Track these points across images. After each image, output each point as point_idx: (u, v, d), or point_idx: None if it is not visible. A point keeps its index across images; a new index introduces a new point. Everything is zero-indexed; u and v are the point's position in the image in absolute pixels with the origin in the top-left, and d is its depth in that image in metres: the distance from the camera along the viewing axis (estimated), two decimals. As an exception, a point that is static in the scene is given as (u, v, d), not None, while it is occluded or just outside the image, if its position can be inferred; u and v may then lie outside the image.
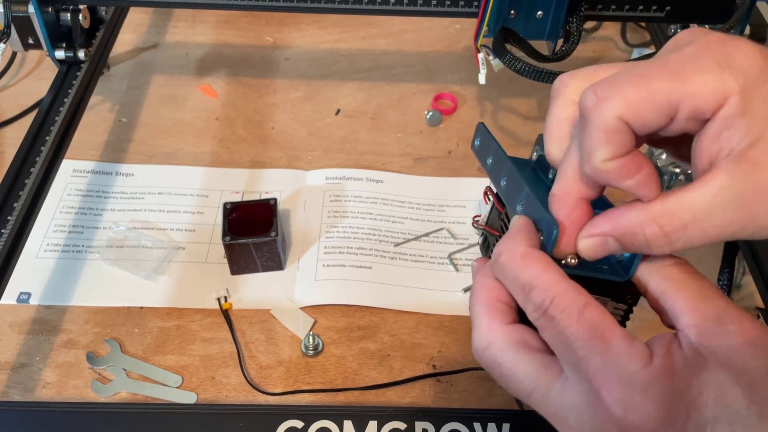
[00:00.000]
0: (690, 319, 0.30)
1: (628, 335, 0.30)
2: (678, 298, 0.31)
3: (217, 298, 0.63)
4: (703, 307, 0.30)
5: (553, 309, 0.30)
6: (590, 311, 0.30)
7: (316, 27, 0.92)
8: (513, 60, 0.61)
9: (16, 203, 0.57)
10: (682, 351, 0.30)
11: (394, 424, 0.51)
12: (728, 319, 0.30)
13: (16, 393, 0.56)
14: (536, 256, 0.32)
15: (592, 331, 0.30)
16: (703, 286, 0.31)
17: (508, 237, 0.33)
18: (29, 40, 0.69)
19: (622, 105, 0.28)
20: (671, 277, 0.32)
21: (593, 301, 0.30)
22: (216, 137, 0.78)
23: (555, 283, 0.31)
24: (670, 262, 0.32)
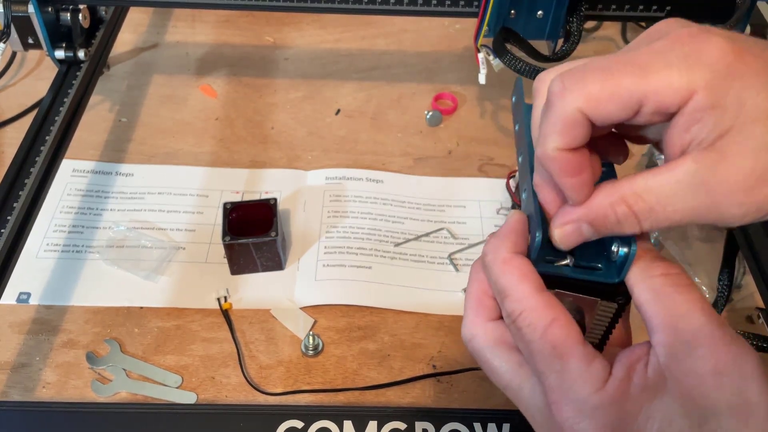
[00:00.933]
0: (662, 337, 0.30)
1: (588, 356, 0.31)
2: (656, 311, 0.31)
3: (217, 298, 0.63)
4: (679, 326, 0.30)
5: (520, 321, 0.32)
6: (554, 330, 0.31)
7: (316, 27, 0.92)
8: (513, 60, 0.61)
9: (16, 203, 0.57)
10: (644, 373, 0.30)
11: (394, 424, 0.51)
12: (701, 341, 0.29)
13: (16, 393, 0.56)
14: (515, 265, 0.32)
15: (552, 349, 0.31)
16: (686, 301, 0.30)
17: (496, 236, 0.34)
18: (29, 40, 0.69)
19: (583, 98, 0.29)
20: (655, 288, 0.31)
21: (560, 318, 0.31)
22: (216, 137, 0.78)
23: (526, 297, 0.32)
24: (659, 271, 0.31)
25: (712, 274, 0.65)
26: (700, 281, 0.65)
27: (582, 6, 0.64)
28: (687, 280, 0.31)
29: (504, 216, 0.70)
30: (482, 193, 0.73)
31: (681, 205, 0.29)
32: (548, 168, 0.30)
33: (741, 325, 0.62)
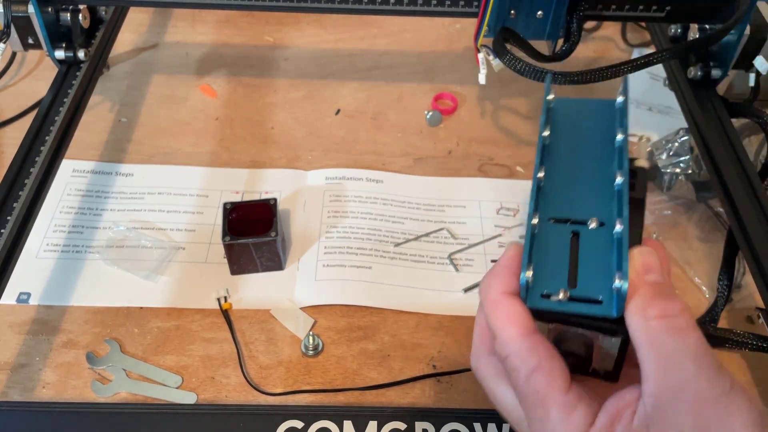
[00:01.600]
0: (651, 386, 0.30)
1: (569, 405, 0.30)
2: (648, 358, 0.30)
3: (217, 298, 0.63)
4: (669, 376, 0.29)
5: (507, 365, 0.32)
6: (536, 377, 0.31)
7: (316, 27, 0.92)
8: (513, 60, 0.61)
9: (16, 203, 0.57)
10: (630, 423, 0.30)
11: (394, 425, 0.51)
12: (688, 395, 0.29)
13: (16, 393, 0.56)
14: (503, 307, 0.32)
15: (534, 396, 0.31)
16: (679, 349, 0.29)
17: (490, 273, 0.34)
18: (29, 40, 0.69)
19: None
20: (650, 331, 0.30)
21: (543, 365, 0.31)
22: (216, 137, 0.78)
23: (511, 341, 0.32)
24: (656, 312, 0.30)
25: (712, 274, 0.65)
26: (700, 281, 0.65)
27: (582, 6, 0.64)
28: (685, 323, 0.30)
29: (504, 216, 0.70)
30: (482, 193, 0.73)
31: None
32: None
33: (741, 325, 0.62)
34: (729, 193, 0.59)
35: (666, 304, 0.30)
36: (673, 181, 0.69)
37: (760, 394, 0.57)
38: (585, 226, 0.34)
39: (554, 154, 0.36)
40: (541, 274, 0.32)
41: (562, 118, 0.38)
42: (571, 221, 0.34)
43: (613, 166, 0.35)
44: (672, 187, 0.70)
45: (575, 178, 0.36)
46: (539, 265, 0.32)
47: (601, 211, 0.34)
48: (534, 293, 0.32)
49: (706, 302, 0.63)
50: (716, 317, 0.61)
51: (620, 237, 0.32)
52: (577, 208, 0.34)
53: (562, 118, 0.38)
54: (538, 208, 0.34)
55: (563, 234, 0.34)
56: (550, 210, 0.34)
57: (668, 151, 0.70)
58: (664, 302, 0.30)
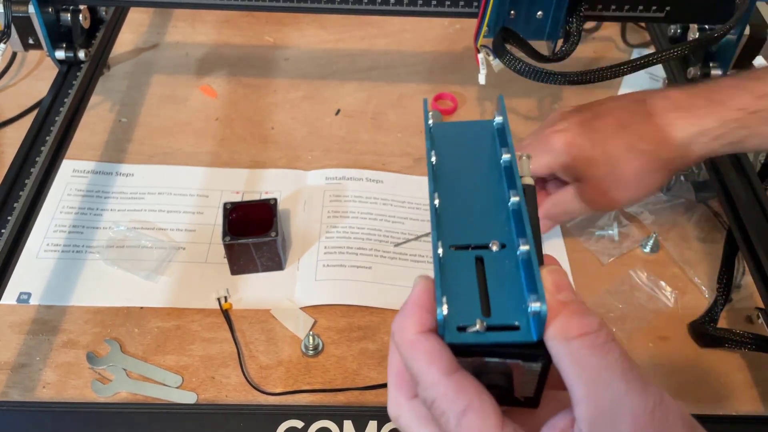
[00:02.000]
0: (584, 410, 0.29)
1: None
2: (576, 381, 0.29)
3: (217, 298, 0.63)
4: (599, 396, 0.28)
5: (434, 409, 0.30)
6: (468, 418, 0.29)
7: (316, 27, 0.92)
8: (513, 60, 0.62)
9: (17, 203, 0.57)
10: None
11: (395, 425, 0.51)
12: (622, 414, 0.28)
13: (16, 393, 0.56)
14: (421, 346, 0.30)
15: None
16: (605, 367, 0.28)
17: (401, 314, 0.32)
18: (29, 40, 0.69)
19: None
20: (572, 352, 0.29)
21: (473, 404, 0.29)
22: (216, 137, 0.78)
23: (436, 383, 0.30)
24: (575, 331, 0.29)
25: (711, 274, 0.65)
26: (699, 281, 0.65)
27: (582, 6, 0.65)
28: (605, 338, 0.29)
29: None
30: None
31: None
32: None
33: (740, 325, 0.62)
34: (728, 194, 0.59)
35: (584, 321, 0.29)
36: (672, 182, 0.70)
37: (759, 394, 0.57)
38: (487, 249, 0.32)
39: (445, 180, 0.35)
40: (453, 307, 0.30)
41: (446, 143, 0.37)
42: (472, 246, 0.33)
43: (502, 186, 0.35)
44: (671, 187, 0.70)
45: (470, 202, 0.34)
46: (451, 297, 0.30)
47: (500, 233, 0.33)
48: (450, 328, 0.31)
49: (705, 302, 0.63)
50: (716, 317, 0.61)
51: (527, 258, 0.31)
52: (476, 232, 0.33)
53: (446, 143, 0.37)
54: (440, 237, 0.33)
55: (467, 261, 0.32)
56: (449, 237, 0.33)
57: (668, 151, 0.70)
58: (581, 320, 0.29)
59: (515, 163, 0.35)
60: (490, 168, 0.36)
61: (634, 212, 0.70)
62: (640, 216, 0.70)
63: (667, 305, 0.63)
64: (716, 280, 0.62)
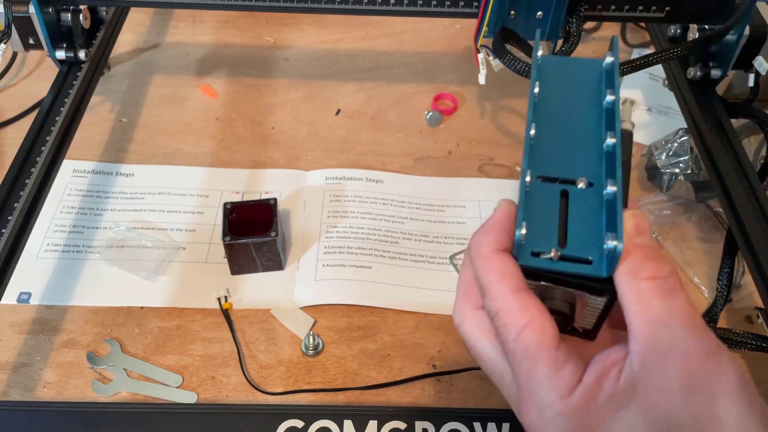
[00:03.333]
0: (638, 345, 0.30)
1: (558, 362, 0.31)
2: (637, 317, 0.30)
3: (217, 298, 0.63)
4: (657, 335, 0.30)
5: (497, 321, 0.32)
6: (527, 333, 0.31)
7: (316, 27, 0.92)
8: (513, 60, 0.62)
9: (17, 203, 0.57)
10: (616, 380, 0.30)
11: (394, 424, 0.51)
12: (675, 354, 0.29)
13: (17, 393, 0.57)
14: (495, 263, 0.32)
15: (524, 351, 0.31)
16: (668, 309, 0.30)
17: (481, 229, 0.34)
18: (30, 41, 0.69)
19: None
20: (639, 292, 0.30)
21: (534, 322, 0.31)
22: (216, 137, 0.78)
23: (503, 297, 0.32)
24: (646, 274, 0.30)
25: (711, 274, 0.65)
26: (699, 281, 0.65)
27: (582, 6, 0.64)
28: (673, 284, 0.30)
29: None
30: (482, 193, 0.73)
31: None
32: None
33: (740, 325, 0.62)
34: (728, 194, 0.59)
35: (656, 266, 0.31)
36: (672, 182, 0.70)
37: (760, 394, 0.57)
38: (574, 185, 0.33)
39: (543, 113, 0.36)
40: (531, 233, 0.32)
41: (551, 77, 0.37)
42: (559, 180, 0.34)
43: (600, 126, 0.35)
44: (671, 187, 0.70)
45: (564, 137, 0.35)
46: (530, 224, 0.32)
47: (589, 172, 0.34)
48: (525, 251, 0.32)
49: (705, 302, 0.63)
50: (716, 317, 0.61)
51: (611, 198, 0.32)
52: (566, 167, 0.34)
53: (551, 77, 0.37)
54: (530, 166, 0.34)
55: (552, 193, 0.33)
56: (539, 168, 0.34)
57: (668, 151, 0.70)
58: (654, 264, 0.31)
59: (618, 106, 0.35)
60: (592, 107, 0.36)
61: (634, 212, 0.70)
62: (640, 216, 0.70)
63: (667, 305, 0.63)
64: (716, 279, 0.62)
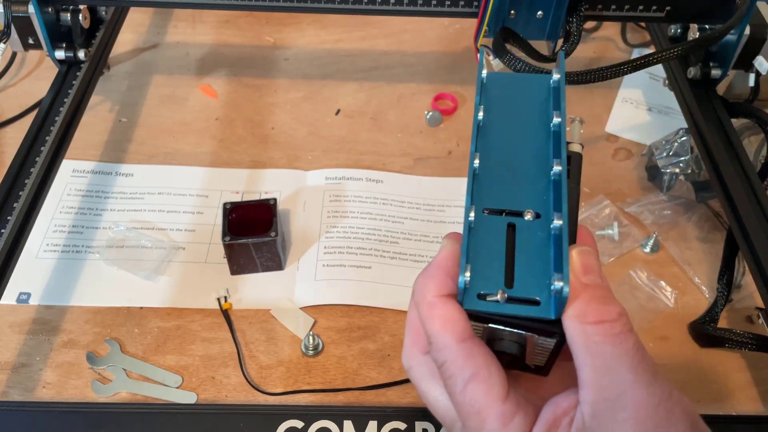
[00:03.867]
0: (588, 394, 0.29)
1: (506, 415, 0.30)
2: (585, 365, 0.29)
3: (217, 298, 0.63)
4: (604, 383, 0.29)
5: (443, 372, 0.31)
6: (473, 386, 0.30)
7: (316, 27, 0.92)
8: (513, 60, 0.61)
9: (16, 203, 0.57)
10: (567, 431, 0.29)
11: (395, 424, 0.51)
12: (625, 403, 0.28)
13: (16, 393, 0.56)
14: (438, 312, 0.31)
15: (470, 406, 0.30)
16: (616, 355, 0.29)
17: (424, 273, 0.33)
18: (29, 40, 0.69)
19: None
20: (587, 336, 0.29)
21: (480, 373, 0.30)
22: (216, 137, 0.78)
23: (447, 348, 0.30)
24: (593, 317, 0.29)
25: (711, 274, 0.65)
26: (700, 281, 0.65)
27: (582, 6, 0.64)
28: (622, 328, 0.29)
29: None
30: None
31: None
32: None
33: (741, 325, 0.62)
34: (729, 194, 0.59)
35: (604, 308, 0.30)
36: (672, 182, 0.70)
37: (759, 394, 0.57)
38: (521, 217, 0.32)
39: (489, 138, 0.34)
40: (477, 273, 0.31)
41: (498, 97, 0.36)
42: (506, 212, 0.32)
43: (548, 149, 0.33)
44: (672, 187, 0.70)
45: (511, 165, 0.33)
46: (475, 263, 0.31)
47: (537, 201, 0.32)
48: (470, 294, 0.31)
49: (706, 302, 0.63)
50: (716, 317, 0.61)
51: (558, 233, 0.30)
52: (512, 197, 0.32)
53: (498, 97, 0.36)
54: (473, 201, 0.32)
55: (499, 227, 0.32)
56: (485, 200, 0.32)
57: (668, 151, 0.70)
58: (601, 307, 0.30)
59: (563, 129, 0.33)
60: (539, 128, 0.34)
61: (635, 212, 0.70)
62: (641, 216, 0.70)
63: (668, 305, 0.63)
64: (716, 279, 0.62)
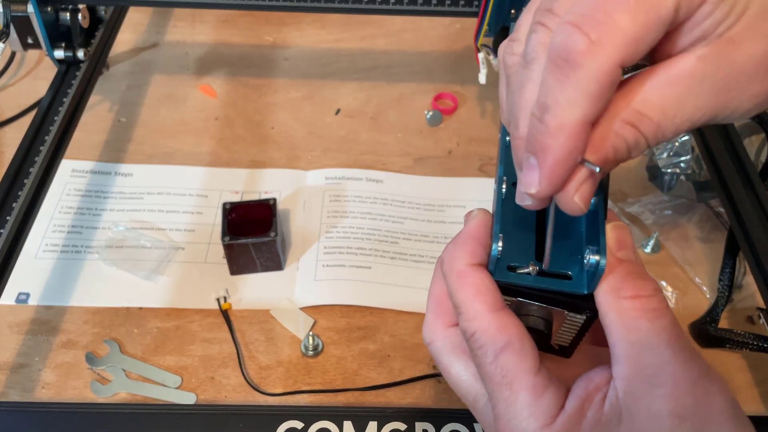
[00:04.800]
0: (623, 369, 0.28)
1: (539, 387, 0.28)
2: (620, 339, 0.28)
3: (216, 298, 0.63)
4: (641, 359, 0.27)
5: (473, 342, 0.30)
6: (506, 356, 0.29)
7: (316, 26, 0.92)
8: (513, 59, 0.61)
9: (15, 203, 0.57)
10: (600, 407, 0.28)
11: (395, 425, 0.51)
12: (663, 379, 0.27)
13: (15, 393, 0.56)
14: (470, 280, 0.30)
15: (502, 377, 0.29)
16: (653, 331, 0.28)
17: (454, 242, 0.32)
18: (28, 40, 0.68)
19: (622, 47, 0.24)
20: (623, 311, 0.28)
21: (513, 344, 0.29)
22: (215, 137, 0.78)
23: (479, 316, 0.29)
24: (629, 292, 0.28)
25: (712, 274, 0.65)
26: (701, 281, 0.65)
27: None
28: (658, 303, 0.28)
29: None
30: (482, 193, 0.73)
31: (689, 111, 0.25)
32: (562, 144, 0.25)
33: (742, 326, 0.61)
34: (729, 193, 0.59)
35: (640, 284, 0.29)
36: (673, 182, 0.69)
37: (760, 394, 0.57)
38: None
39: None
40: (508, 246, 0.30)
41: None
42: None
43: None
44: (672, 187, 0.70)
45: None
46: (506, 236, 0.30)
47: None
48: (501, 266, 0.30)
49: (706, 302, 0.63)
50: (717, 317, 0.61)
51: (593, 209, 0.30)
52: None
53: None
54: (505, 173, 0.31)
55: None
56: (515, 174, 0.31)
57: (669, 151, 0.70)
58: (638, 282, 0.29)
59: None
60: None
61: (635, 212, 0.70)
62: (641, 216, 0.70)
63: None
64: (717, 280, 0.62)
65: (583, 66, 0.24)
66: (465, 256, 0.30)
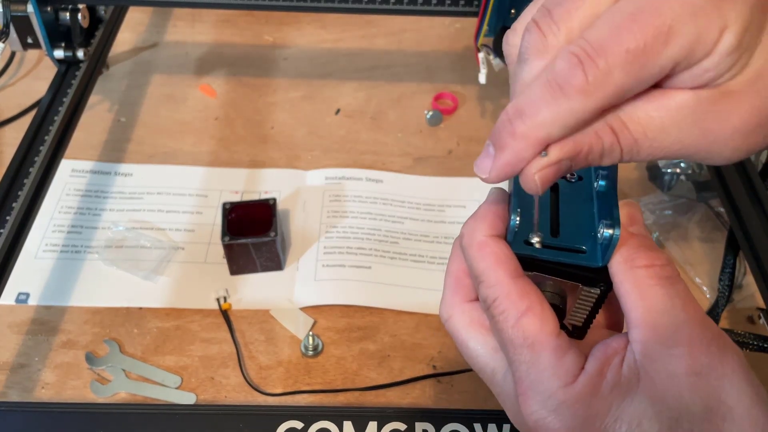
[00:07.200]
0: (639, 333, 0.29)
1: (560, 349, 0.29)
2: (636, 305, 0.29)
3: (216, 298, 0.63)
4: (658, 322, 0.29)
5: (494, 308, 0.31)
6: (527, 320, 0.30)
7: (316, 26, 0.92)
8: (513, 59, 0.61)
9: (15, 203, 0.57)
10: (619, 370, 0.29)
11: (394, 425, 0.51)
12: (679, 340, 0.28)
13: (15, 393, 0.56)
14: (491, 249, 0.31)
15: (523, 340, 0.30)
16: (668, 296, 0.29)
17: (473, 217, 0.33)
18: (28, 40, 0.68)
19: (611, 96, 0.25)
20: (637, 280, 0.29)
21: (534, 308, 0.30)
22: (215, 137, 0.78)
23: (500, 283, 0.30)
24: (643, 262, 0.30)
25: (712, 274, 0.65)
26: (701, 281, 0.65)
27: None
28: (671, 272, 0.30)
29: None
30: (482, 193, 0.72)
31: (668, 141, 0.26)
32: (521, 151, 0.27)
33: (742, 326, 0.61)
34: (730, 193, 0.59)
35: (652, 254, 0.30)
36: (673, 181, 0.69)
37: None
38: (564, 179, 0.33)
39: None
40: (523, 222, 0.31)
41: None
42: None
43: None
44: (673, 187, 0.70)
45: None
46: (524, 212, 0.31)
47: None
48: (518, 239, 0.31)
49: (706, 302, 0.63)
50: (717, 317, 0.61)
51: (603, 190, 0.32)
52: None
53: None
54: None
55: None
56: None
57: (669, 150, 0.70)
58: (650, 253, 0.30)
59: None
60: None
61: (635, 212, 0.70)
62: (641, 216, 0.70)
63: (668, 305, 0.63)
64: (717, 279, 0.62)
65: (572, 100, 0.26)
66: (485, 228, 0.32)
